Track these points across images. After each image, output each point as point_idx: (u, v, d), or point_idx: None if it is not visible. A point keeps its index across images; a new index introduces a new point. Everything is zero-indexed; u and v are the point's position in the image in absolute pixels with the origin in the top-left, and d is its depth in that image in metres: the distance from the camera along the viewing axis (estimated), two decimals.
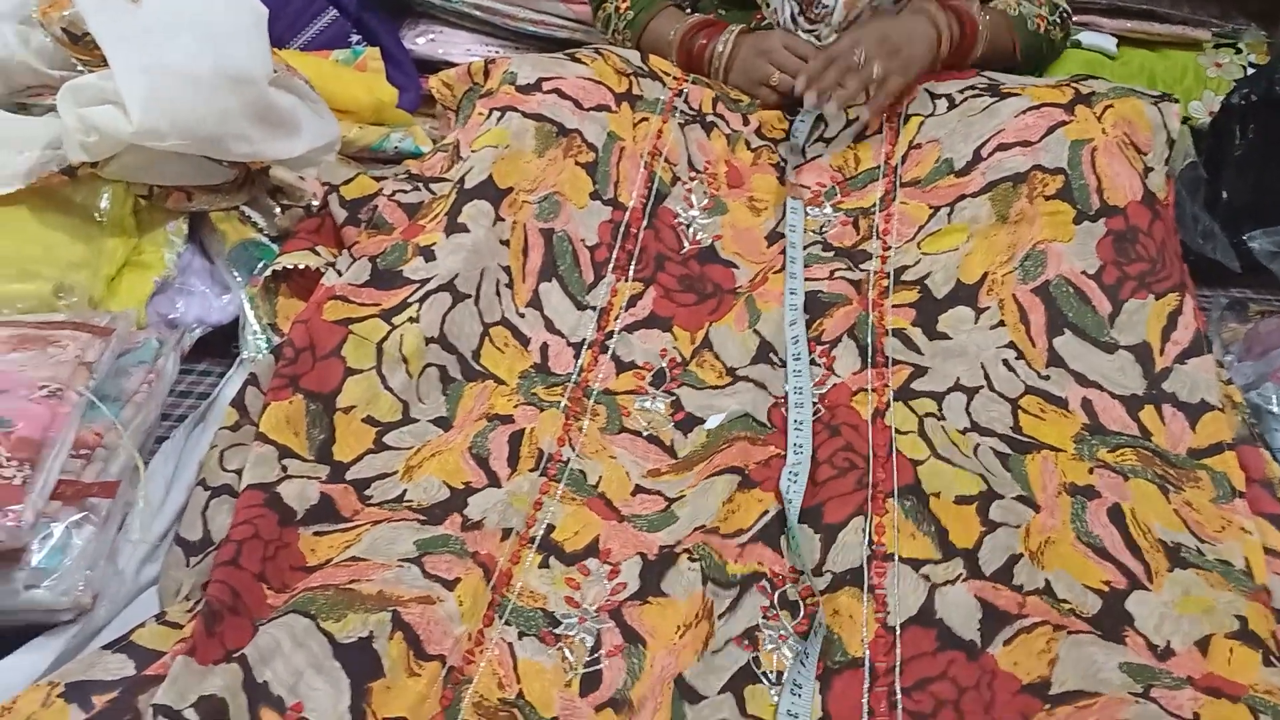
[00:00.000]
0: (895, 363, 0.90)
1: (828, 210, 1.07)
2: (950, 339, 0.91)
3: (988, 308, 0.92)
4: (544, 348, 0.96)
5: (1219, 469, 0.82)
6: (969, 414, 0.86)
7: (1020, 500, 0.79)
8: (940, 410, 0.86)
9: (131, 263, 1.07)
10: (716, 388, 0.94)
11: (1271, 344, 1.03)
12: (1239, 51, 1.55)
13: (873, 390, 0.89)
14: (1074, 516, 0.78)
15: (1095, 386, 0.87)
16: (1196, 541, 0.78)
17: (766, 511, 0.79)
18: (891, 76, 1.11)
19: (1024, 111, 1.02)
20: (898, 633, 0.71)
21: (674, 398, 0.93)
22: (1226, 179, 1.30)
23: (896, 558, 0.76)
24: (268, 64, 1.08)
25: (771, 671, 0.69)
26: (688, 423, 0.91)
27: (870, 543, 0.77)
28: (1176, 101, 1.04)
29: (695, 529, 0.80)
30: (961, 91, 1.12)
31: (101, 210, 1.04)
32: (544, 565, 0.78)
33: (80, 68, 1.08)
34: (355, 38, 1.55)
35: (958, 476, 0.80)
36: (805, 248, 1.02)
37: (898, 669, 0.69)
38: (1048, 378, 0.87)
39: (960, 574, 0.74)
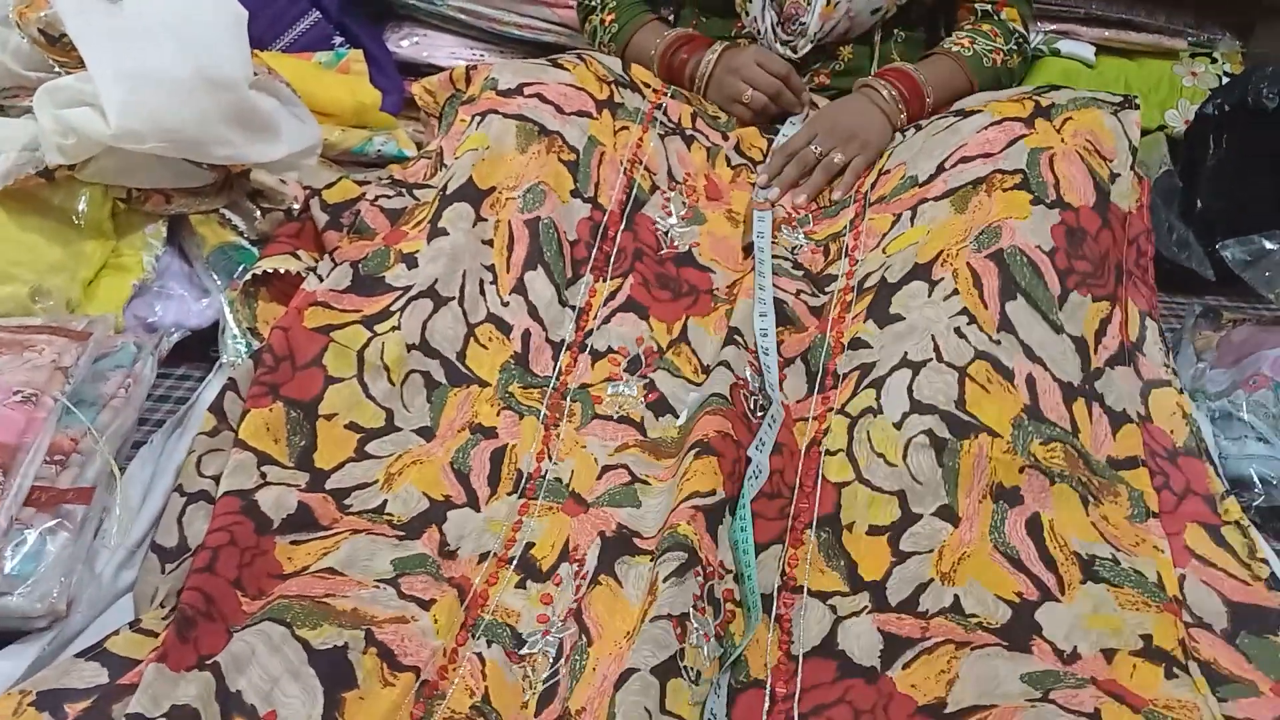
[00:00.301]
0: (844, 376, 0.91)
1: (800, 236, 1.08)
2: (903, 319, 0.91)
3: (941, 279, 0.92)
4: (525, 335, 0.96)
5: (1136, 486, 0.84)
6: (910, 393, 0.85)
7: (939, 514, 0.80)
8: (879, 400, 0.86)
9: (110, 266, 1.06)
10: (692, 382, 0.95)
11: (1244, 351, 1.05)
12: (1214, 61, 1.57)
13: (813, 419, 0.89)
14: (993, 528, 0.79)
15: (1040, 364, 0.87)
16: (1113, 550, 0.80)
17: (715, 491, 0.78)
18: (854, 159, 1.14)
19: (985, 127, 1.03)
20: (800, 661, 0.72)
21: (648, 380, 0.94)
22: (1201, 188, 1.32)
23: (806, 590, 0.77)
24: (248, 67, 1.07)
25: (691, 668, 0.68)
26: (659, 406, 0.92)
27: (782, 573, 0.78)
28: (1137, 108, 1.05)
29: (658, 532, 0.79)
30: (929, 120, 1.14)
31: (79, 213, 1.04)
32: (520, 586, 0.78)
33: (58, 69, 1.08)
34: (338, 40, 1.55)
35: (873, 502, 0.81)
36: (775, 258, 1.03)
37: (797, 696, 0.70)
38: (998, 342, 0.88)
39: (866, 607, 0.75)
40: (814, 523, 0.81)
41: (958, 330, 0.88)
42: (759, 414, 0.88)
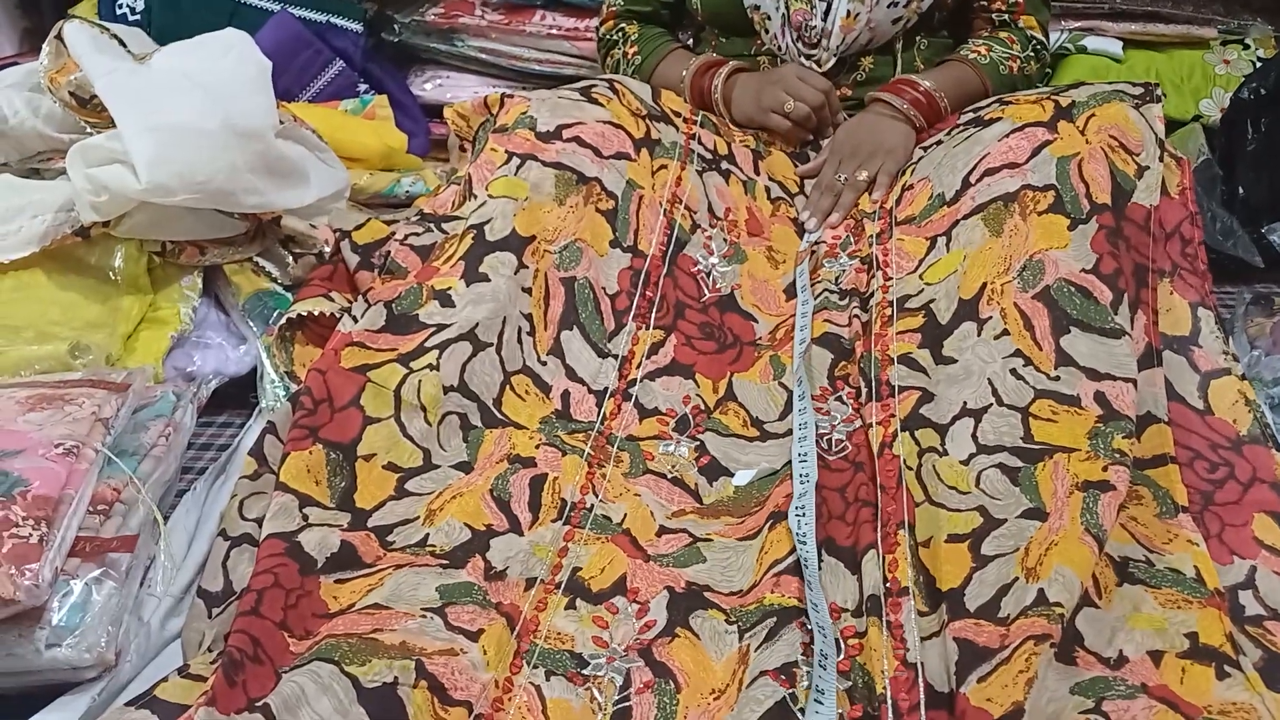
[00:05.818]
0: (902, 390, 0.89)
1: (843, 260, 1.07)
2: (956, 361, 0.90)
3: (989, 317, 0.90)
4: (565, 395, 0.95)
5: (1162, 484, 0.82)
6: (975, 439, 0.84)
7: (1026, 515, 0.77)
8: (943, 444, 0.84)
9: (148, 320, 1.08)
10: (743, 437, 0.94)
11: None
12: (1246, 47, 1.53)
13: (878, 424, 0.88)
14: (1085, 510, 0.76)
15: (1108, 378, 0.85)
16: (1145, 552, 0.77)
17: (792, 550, 0.78)
18: (880, 171, 1.13)
19: (1007, 135, 1.01)
20: (920, 669, 0.70)
21: (698, 443, 0.93)
22: (1242, 174, 1.29)
23: (911, 591, 0.75)
24: (273, 116, 1.09)
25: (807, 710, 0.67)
26: (712, 469, 0.91)
27: (885, 578, 0.76)
28: (1158, 100, 1.03)
29: (733, 593, 0.79)
30: (949, 133, 1.12)
31: (116, 269, 1.06)
32: (570, 607, 0.77)
33: (89, 130, 1.10)
34: (363, 87, 1.57)
35: (951, 520, 0.79)
36: (819, 294, 1.02)
37: (922, 708, 0.68)
38: (1058, 378, 0.85)
39: (944, 621, 0.72)
40: (904, 523, 0.80)
41: (1014, 372, 0.86)
42: (836, 451, 0.88)
